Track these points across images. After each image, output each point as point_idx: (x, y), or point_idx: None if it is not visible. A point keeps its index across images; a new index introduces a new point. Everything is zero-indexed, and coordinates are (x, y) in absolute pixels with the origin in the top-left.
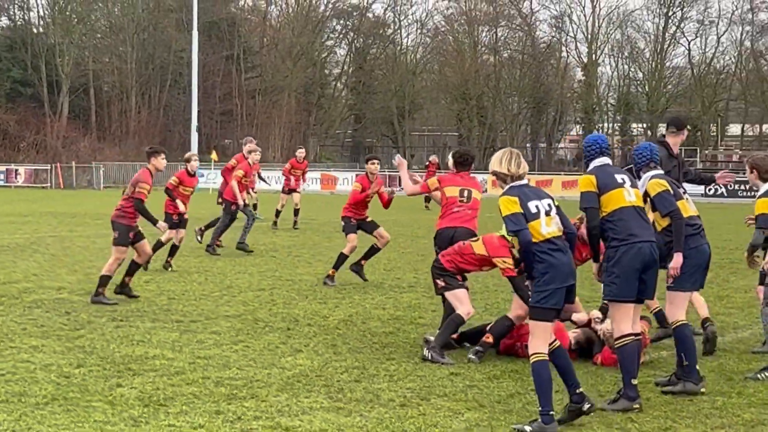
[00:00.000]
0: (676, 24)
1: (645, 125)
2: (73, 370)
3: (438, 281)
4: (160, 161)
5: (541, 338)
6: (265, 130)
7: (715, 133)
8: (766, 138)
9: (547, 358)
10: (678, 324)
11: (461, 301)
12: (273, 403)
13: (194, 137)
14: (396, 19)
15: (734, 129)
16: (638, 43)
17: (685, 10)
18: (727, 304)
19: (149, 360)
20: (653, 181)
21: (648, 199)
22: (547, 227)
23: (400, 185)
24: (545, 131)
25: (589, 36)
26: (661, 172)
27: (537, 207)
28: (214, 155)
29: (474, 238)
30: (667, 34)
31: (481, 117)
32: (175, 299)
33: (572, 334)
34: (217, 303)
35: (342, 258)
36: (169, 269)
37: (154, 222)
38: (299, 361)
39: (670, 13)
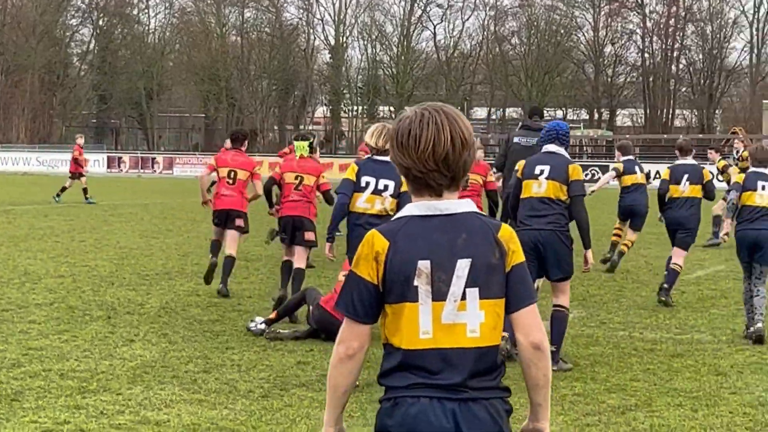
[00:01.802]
0: (422, 8)
1: (392, 108)
2: None
3: None
4: None
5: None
6: (8, 111)
7: None
8: (509, 121)
9: None
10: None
11: None
12: (130, 396)
13: None
14: None
15: (480, 112)
16: (386, 27)
17: None
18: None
19: None
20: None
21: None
22: (365, 203)
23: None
24: (293, 113)
25: (337, 18)
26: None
27: (367, 182)
28: None
29: None
30: (413, 18)
31: (230, 99)
32: None
33: None
34: (22, 290)
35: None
36: None
37: None
38: (137, 351)
39: None
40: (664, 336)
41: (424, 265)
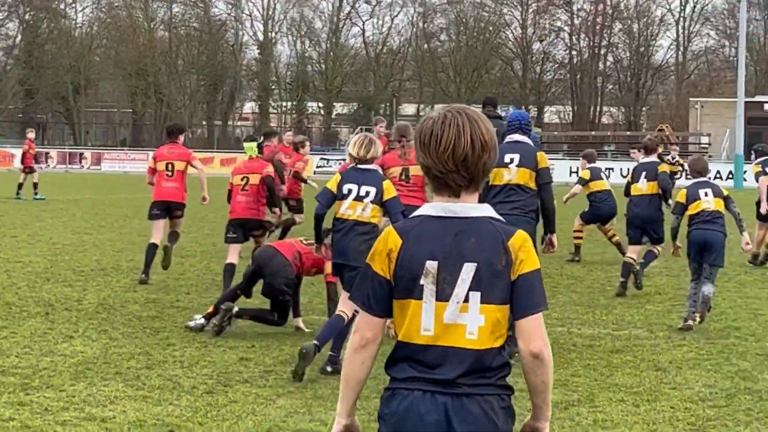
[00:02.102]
0: (351, 4)
1: (321, 104)
2: None
3: None
4: None
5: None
6: None
7: (389, 113)
8: None
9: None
10: None
11: None
12: (73, 393)
13: None
14: None
15: (409, 109)
16: (315, 23)
17: None
18: None
19: None
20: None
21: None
22: (348, 210)
23: None
24: (221, 109)
25: (265, 14)
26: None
27: (349, 189)
28: None
29: None
30: (342, 14)
31: (158, 94)
32: None
33: None
34: None
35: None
36: None
37: None
38: (77, 347)
39: None
40: (602, 332)
41: (431, 265)
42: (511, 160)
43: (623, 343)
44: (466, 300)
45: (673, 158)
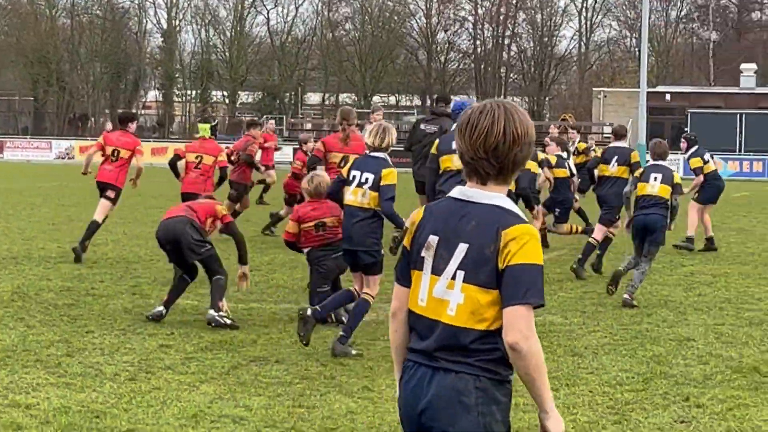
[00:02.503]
0: None
1: (225, 93)
2: None
3: None
4: None
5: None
6: None
7: (294, 102)
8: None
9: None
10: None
11: None
12: None
13: None
14: None
15: (314, 98)
16: (219, 11)
17: None
18: None
19: None
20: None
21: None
22: (351, 195)
23: None
24: (125, 97)
25: (169, 2)
26: None
27: (354, 176)
28: None
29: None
30: (246, 2)
31: (60, 82)
32: None
33: None
34: None
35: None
36: None
37: None
38: None
39: None
40: None
41: (433, 240)
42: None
43: (539, 329)
44: (453, 278)
45: (590, 148)
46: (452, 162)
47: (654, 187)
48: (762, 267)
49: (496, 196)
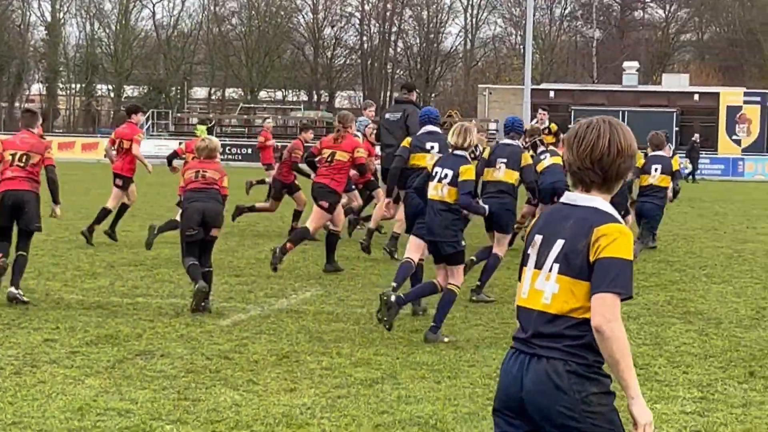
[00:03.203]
0: None
1: (111, 87)
2: None
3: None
4: None
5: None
6: None
7: (180, 96)
8: (229, 102)
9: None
10: None
11: None
12: None
13: None
14: None
15: (201, 92)
16: (104, 4)
17: None
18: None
19: None
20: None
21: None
22: (433, 190)
23: None
24: (8, 91)
25: None
26: None
27: (437, 172)
28: None
29: None
30: None
31: None
32: None
33: None
34: None
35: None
36: None
37: None
38: None
39: None
40: (402, 312)
41: (537, 238)
42: (432, 148)
43: (422, 323)
44: (550, 270)
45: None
46: (425, 161)
47: (654, 177)
48: (641, 263)
49: (595, 199)
